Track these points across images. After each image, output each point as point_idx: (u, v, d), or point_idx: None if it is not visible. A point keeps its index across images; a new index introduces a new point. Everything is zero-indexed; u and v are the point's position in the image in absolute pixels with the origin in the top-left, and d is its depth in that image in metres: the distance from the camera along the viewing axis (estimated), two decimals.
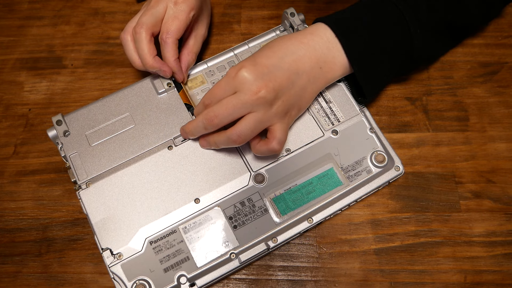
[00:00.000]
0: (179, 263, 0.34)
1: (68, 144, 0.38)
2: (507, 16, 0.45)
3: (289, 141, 0.38)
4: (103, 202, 0.36)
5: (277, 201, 0.36)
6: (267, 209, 0.36)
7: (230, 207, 0.36)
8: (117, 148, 0.37)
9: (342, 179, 0.37)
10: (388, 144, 0.38)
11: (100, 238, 0.35)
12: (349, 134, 0.38)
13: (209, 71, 0.41)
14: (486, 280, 0.35)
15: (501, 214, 0.37)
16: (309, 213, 0.35)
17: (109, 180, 0.36)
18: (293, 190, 0.36)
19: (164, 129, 0.38)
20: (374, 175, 0.37)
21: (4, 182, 0.41)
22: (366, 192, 0.37)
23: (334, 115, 0.38)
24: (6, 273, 0.38)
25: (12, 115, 0.43)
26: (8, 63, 0.46)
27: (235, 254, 0.34)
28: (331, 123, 0.38)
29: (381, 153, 0.37)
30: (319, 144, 0.38)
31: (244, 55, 0.42)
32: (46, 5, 0.49)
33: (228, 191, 0.36)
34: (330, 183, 0.36)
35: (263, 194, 0.36)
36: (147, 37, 0.37)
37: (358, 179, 0.37)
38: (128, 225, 0.35)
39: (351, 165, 0.37)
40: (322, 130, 0.38)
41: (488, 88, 0.42)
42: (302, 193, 0.36)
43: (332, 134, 0.38)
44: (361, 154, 0.37)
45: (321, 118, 0.38)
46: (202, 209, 0.36)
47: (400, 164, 0.37)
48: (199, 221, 0.35)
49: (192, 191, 0.36)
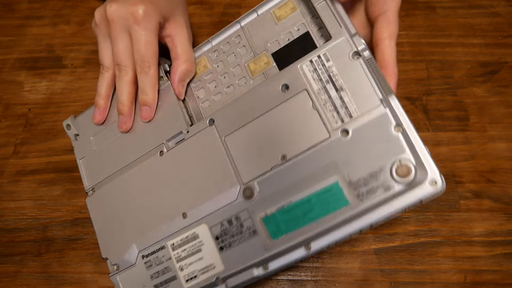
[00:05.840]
0: (167, 282, 0.32)
1: (79, 148, 0.37)
2: (507, 16, 0.45)
3: (285, 145, 0.29)
4: (102, 210, 0.35)
5: (268, 221, 0.29)
6: (256, 230, 0.29)
7: (217, 225, 0.31)
8: (117, 152, 0.36)
9: (349, 197, 0.27)
10: (423, 148, 0.26)
11: (102, 247, 0.34)
12: (364, 134, 0.27)
13: (214, 52, 0.35)
14: (486, 280, 0.35)
15: (501, 214, 0.37)
16: (307, 238, 0.28)
17: (107, 188, 0.35)
18: (287, 209, 0.29)
19: (157, 130, 0.34)
20: (395, 193, 0.26)
21: (3, 181, 0.41)
22: (381, 216, 0.26)
23: (346, 108, 0.28)
24: (6, 273, 0.38)
25: (11, 115, 0.43)
26: (7, 63, 0.46)
27: (221, 278, 0.30)
28: (341, 120, 0.28)
29: (407, 163, 0.26)
30: (322, 149, 0.28)
31: (253, 27, 0.33)
32: (46, 5, 0.49)
33: (216, 205, 0.31)
34: (333, 201, 0.27)
35: (252, 212, 0.29)
36: (132, 79, 0.33)
37: (371, 198, 0.26)
38: (124, 236, 0.34)
39: (363, 178, 0.27)
40: (328, 130, 0.28)
41: (488, 88, 0.42)
42: (298, 213, 0.28)
43: (341, 135, 0.28)
44: (378, 163, 0.27)
45: (328, 112, 0.28)
46: (189, 225, 0.31)
47: (438, 176, 0.25)
48: (186, 239, 0.32)
49: (180, 204, 0.32)
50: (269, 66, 0.32)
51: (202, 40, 0.45)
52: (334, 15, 0.30)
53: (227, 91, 0.34)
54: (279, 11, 0.33)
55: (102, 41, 0.34)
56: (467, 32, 0.44)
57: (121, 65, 0.33)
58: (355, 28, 0.29)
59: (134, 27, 0.31)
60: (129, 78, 0.33)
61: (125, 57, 0.32)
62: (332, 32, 0.30)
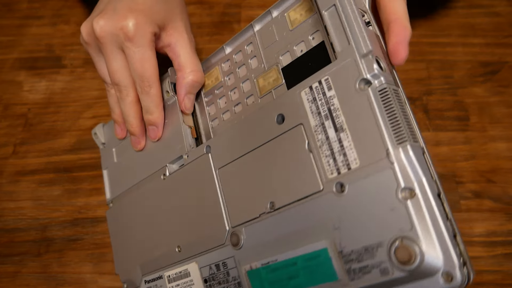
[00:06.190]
0: None
1: (104, 158, 0.36)
2: (507, 16, 0.45)
3: (275, 190, 0.24)
4: (117, 225, 0.34)
5: (252, 276, 0.25)
6: (241, 283, 0.26)
7: (206, 267, 0.28)
8: (132, 167, 0.33)
9: (338, 271, 0.21)
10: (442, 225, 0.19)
11: (115, 262, 0.34)
12: (363, 194, 0.21)
13: (227, 61, 0.30)
14: (487, 280, 0.35)
15: (502, 214, 0.37)
16: None
17: (121, 203, 0.34)
18: (272, 268, 0.24)
19: (163, 149, 0.31)
20: (393, 280, 0.20)
21: (3, 182, 0.41)
22: None
23: (344, 155, 0.22)
24: (5, 273, 0.37)
25: (11, 115, 0.43)
26: (7, 63, 0.46)
27: None
28: (337, 170, 0.22)
29: (410, 245, 0.19)
30: (314, 204, 0.22)
31: (266, 33, 0.28)
32: (45, 5, 0.48)
33: (206, 245, 0.28)
34: (320, 272, 0.22)
35: (238, 262, 0.26)
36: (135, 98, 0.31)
37: (363, 280, 0.20)
38: (132, 256, 0.33)
39: (357, 251, 0.21)
40: (322, 181, 0.22)
41: (489, 88, 0.42)
42: (283, 275, 0.24)
43: (336, 190, 0.22)
44: (376, 237, 0.20)
45: (324, 158, 0.22)
46: (183, 259, 0.29)
47: (457, 269, 0.19)
48: (180, 274, 0.29)
49: (176, 235, 0.30)
50: (277, 83, 0.27)
51: (202, 40, 0.45)
52: (343, 25, 0.22)
53: (236, 110, 0.29)
54: (294, 13, 0.26)
55: (97, 58, 0.31)
56: (468, 32, 0.44)
57: (120, 85, 0.30)
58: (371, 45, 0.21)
59: (126, 44, 0.28)
60: (131, 99, 0.31)
61: (122, 77, 0.30)
62: (339, 49, 0.22)
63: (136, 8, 0.28)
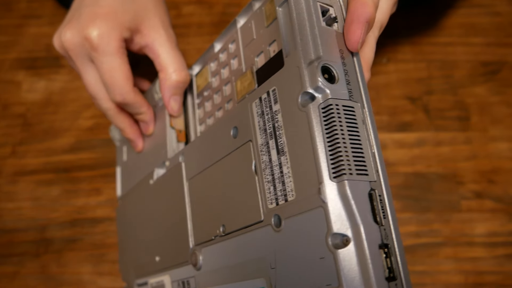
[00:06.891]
0: None
1: (118, 155, 0.36)
2: (508, 16, 0.44)
3: (226, 213, 0.22)
4: (120, 224, 0.35)
5: None
6: None
7: (176, 282, 0.26)
8: (135, 168, 0.33)
9: None
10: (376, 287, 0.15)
11: (119, 261, 0.34)
12: (296, 233, 0.18)
13: (214, 61, 0.27)
14: (487, 281, 0.35)
15: (503, 214, 0.37)
16: None
17: (124, 203, 0.35)
18: None
19: (153, 153, 0.30)
20: None
21: (2, 182, 0.40)
22: None
23: (283, 183, 0.18)
24: (4, 273, 0.37)
25: (10, 115, 0.43)
26: (5, 63, 0.46)
27: None
28: (275, 200, 0.19)
29: None
30: (255, 235, 0.20)
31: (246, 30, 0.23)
32: (44, 4, 0.48)
33: (175, 259, 0.26)
34: None
35: (198, 283, 0.24)
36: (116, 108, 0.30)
37: None
38: (128, 257, 0.33)
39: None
40: (263, 211, 0.19)
41: (490, 88, 0.42)
42: None
43: (274, 223, 0.19)
44: (308, 283, 0.17)
45: (266, 184, 0.19)
46: (160, 269, 0.28)
47: None
48: (157, 284, 0.28)
49: (155, 245, 0.29)
50: (251, 88, 0.23)
51: (202, 40, 0.45)
52: (293, 25, 0.18)
53: (218, 115, 0.26)
54: (270, 7, 0.21)
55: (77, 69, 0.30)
56: (468, 31, 0.44)
57: (97, 99, 0.29)
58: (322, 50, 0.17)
59: (93, 54, 0.26)
60: (112, 111, 0.30)
61: (96, 90, 0.29)
62: (285, 55, 0.19)
63: (100, 13, 0.26)
